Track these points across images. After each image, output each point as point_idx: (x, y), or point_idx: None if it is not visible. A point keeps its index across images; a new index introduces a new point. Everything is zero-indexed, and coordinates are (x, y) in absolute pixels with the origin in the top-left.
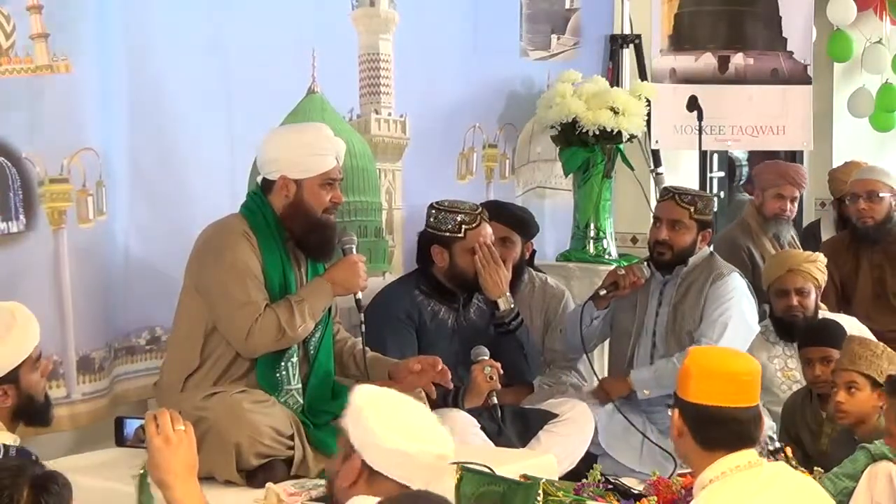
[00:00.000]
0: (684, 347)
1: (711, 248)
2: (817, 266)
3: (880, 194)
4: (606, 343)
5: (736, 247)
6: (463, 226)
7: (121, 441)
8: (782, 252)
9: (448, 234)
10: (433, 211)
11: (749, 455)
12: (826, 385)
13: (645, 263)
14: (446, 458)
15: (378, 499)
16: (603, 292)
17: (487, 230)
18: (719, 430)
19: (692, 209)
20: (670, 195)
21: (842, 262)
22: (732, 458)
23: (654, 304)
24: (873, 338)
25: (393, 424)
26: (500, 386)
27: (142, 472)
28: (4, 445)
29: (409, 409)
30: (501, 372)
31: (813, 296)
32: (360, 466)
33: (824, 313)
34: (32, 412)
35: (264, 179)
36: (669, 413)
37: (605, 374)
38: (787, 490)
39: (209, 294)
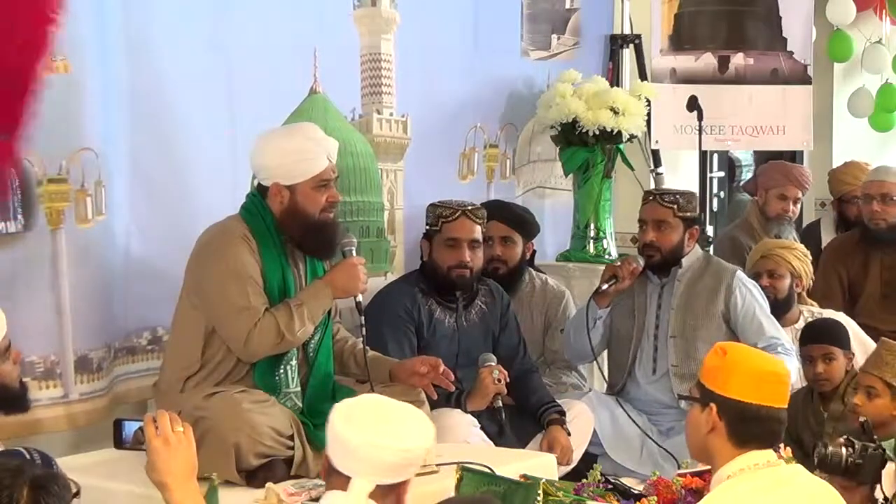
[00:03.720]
0: (693, 351)
1: (710, 250)
2: (793, 253)
3: (894, 197)
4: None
5: (738, 246)
6: (440, 219)
7: (119, 443)
8: (760, 242)
9: (429, 227)
10: (427, 207)
11: (768, 454)
12: (827, 383)
13: (637, 255)
14: (396, 450)
15: (340, 491)
16: (604, 286)
17: (468, 226)
18: (759, 428)
19: (675, 207)
20: (652, 197)
21: (850, 262)
22: (752, 456)
23: (654, 308)
24: (868, 339)
25: (347, 415)
26: (506, 391)
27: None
28: (26, 448)
29: (378, 405)
30: (509, 379)
31: (787, 280)
32: (325, 459)
33: (812, 308)
34: (8, 400)
35: (259, 184)
36: (684, 406)
37: (605, 382)
38: (802, 490)
39: (208, 298)
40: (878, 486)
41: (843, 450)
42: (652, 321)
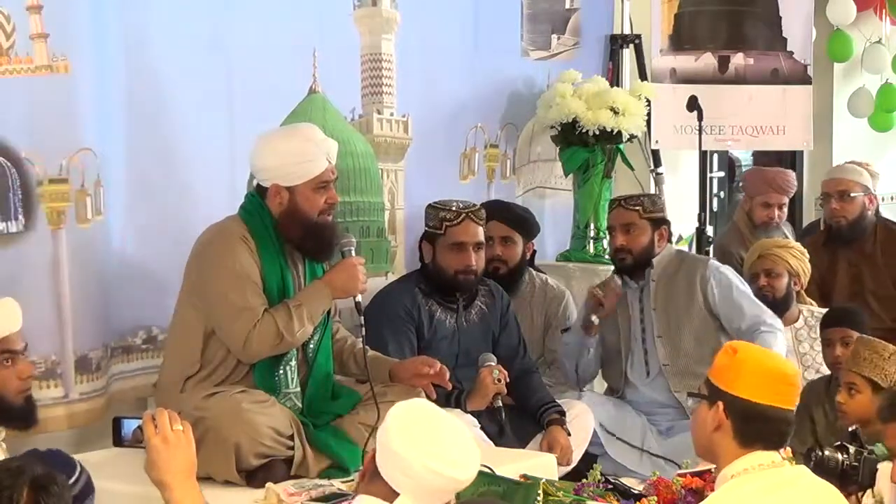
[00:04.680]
0: (682, 347)
1: (710, 250)
2: (790, 252)
3: (852, 194)
4: None
5: (728, 254)
6: (444, 222)
7: (119, 441)
8: (757, 242)
9: (431, 229)
10: (427, 208)
11: (773, 456)
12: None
13: (613, 275)
14: (451, 479)
15: (380, 500)
16: (594, 318)
17: (472, 229)
18: (765, 428)
19: (640, 209)
20: (617, 203)
21: (819, 261)
22: (756, 457)
23: (637, 311)
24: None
25: (405, 427)
26: (506, 390)
27: None
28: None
29: (436, 423)
30: (509, 379)
31: (785, 279)
32: (371, 460)
33: (812, 308)
34: (3, 412)
35: (259, 185)
36: (690, 404)
37: (602, 392)
38: (806, 492)
39: (207, 299)
40: (870, 491)
41: (839, 454)
42: (637, 324)
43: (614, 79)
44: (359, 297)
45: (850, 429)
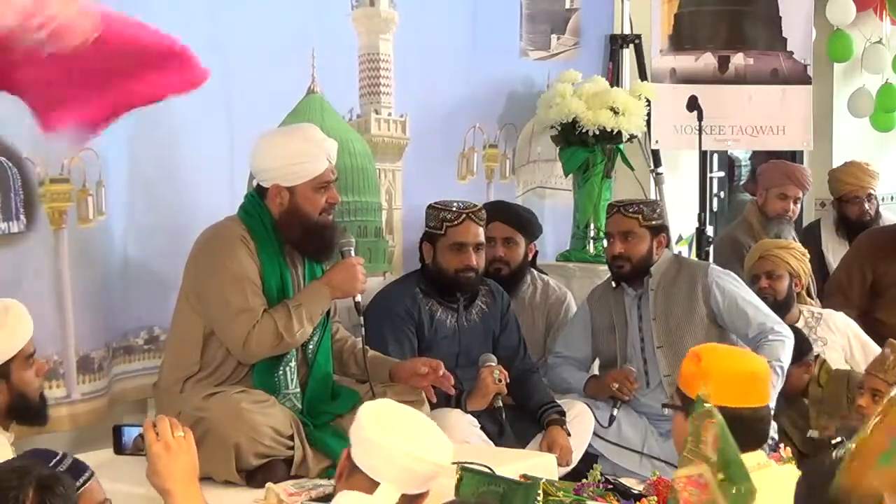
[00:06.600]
0: (683, 357)
1: (710, 250)
2: (791, 253)
3: None
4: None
5: (738, 245)
6: (444, 223)
7: (119, 449)
8: (758, 243)
9: (432, 230)
10: (427, 209)
11: (758, 457)
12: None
13: (632, 370)
14: (430, 462)
15: (361, 493)
16: (615, 412)
17: (473, 229)
18: (742, 431)
19: (640, 217)
20: (616, 209)
21: (883, 258)
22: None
23: (635, 320)
24: (869, 340)
25: (379, 418)
26: (506, 390)
27: None
28: (63, 454)
29: (407, 414)
30: (509, 380)
31: (786, 280)
32: (347, 458)
33: (812, 308)
34: (25, 411)
35: (259, 185)
36: (666, 412)
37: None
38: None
39: (207, 300)
40: None
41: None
42: (636, 334)
43: (614, 79)
44: (358, 298)
45: (834, 440)
